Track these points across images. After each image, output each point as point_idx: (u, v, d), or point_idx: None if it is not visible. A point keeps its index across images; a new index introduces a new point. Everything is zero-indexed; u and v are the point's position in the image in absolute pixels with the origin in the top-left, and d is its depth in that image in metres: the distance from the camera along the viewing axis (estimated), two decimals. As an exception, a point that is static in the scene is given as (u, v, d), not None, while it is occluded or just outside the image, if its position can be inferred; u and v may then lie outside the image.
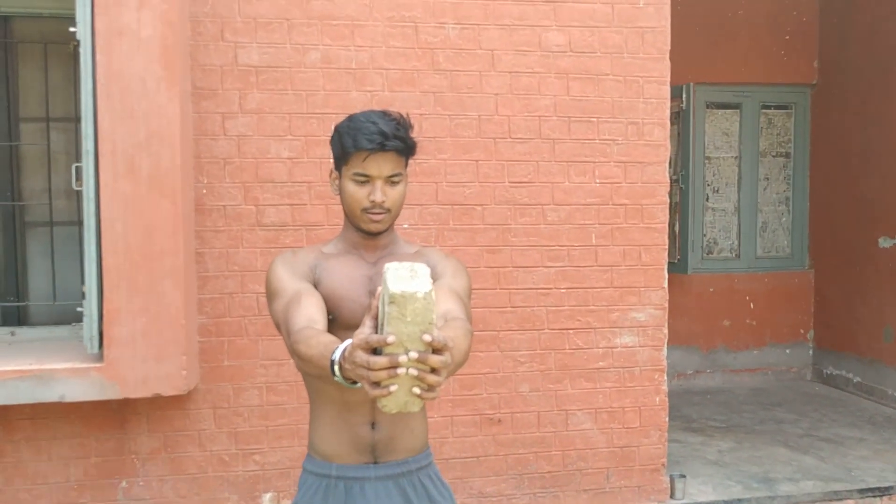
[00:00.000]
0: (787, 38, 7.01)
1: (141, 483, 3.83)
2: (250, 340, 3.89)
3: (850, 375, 6.73)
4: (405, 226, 3.97)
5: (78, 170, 3.46)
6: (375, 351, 1.49)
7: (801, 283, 7.21)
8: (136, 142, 3.41)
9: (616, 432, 4.26)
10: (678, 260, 6.49)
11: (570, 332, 4.19)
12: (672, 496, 4.34)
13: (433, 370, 1.49)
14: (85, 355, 3.53)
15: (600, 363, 4.23)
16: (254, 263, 3.89)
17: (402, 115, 2.06)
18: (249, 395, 3.91)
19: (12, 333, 3.97)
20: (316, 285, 2.05)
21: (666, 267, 4.28)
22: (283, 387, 3.93)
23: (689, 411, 6.11)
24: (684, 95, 6.38)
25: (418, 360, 1.46)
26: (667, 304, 4.29)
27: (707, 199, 7.08)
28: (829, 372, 7.01)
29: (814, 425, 5.78)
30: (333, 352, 1.64)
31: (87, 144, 3.38)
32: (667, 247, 4.28)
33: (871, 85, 6.46)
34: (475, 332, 4.05)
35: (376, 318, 1.54)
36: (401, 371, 1.46)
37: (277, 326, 2.03)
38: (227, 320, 3.88)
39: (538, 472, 4.19)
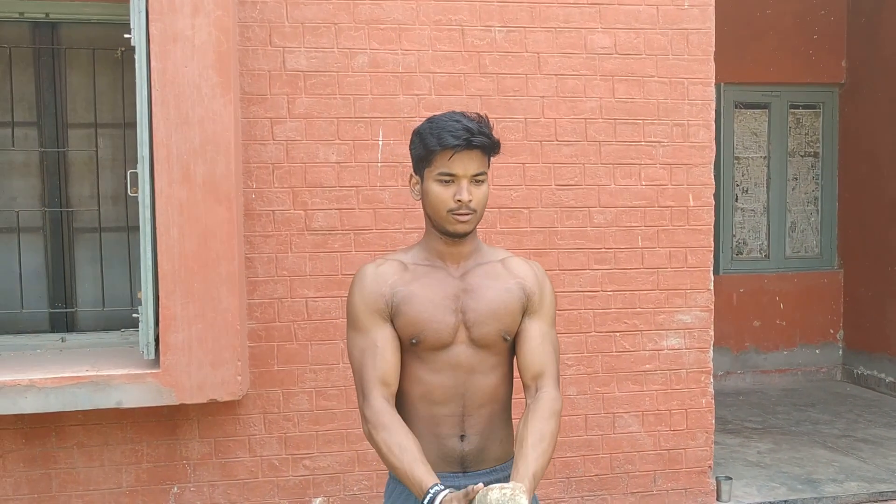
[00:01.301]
0: (815, 37, 6.99)
1: (192, 488, 3.83)
2: (299, 345, 3.89)
3: (882, 375, 6.71)
4: (453, 229, 3.96)
5: (133, 176, 3.46)
6: None
7: (830, 283, 7.19)
8: (191, 148, 3.41)
9: (663, 435, 4.25)
10: (709, 261, 6.46)
11: (617, 334, 4.19)
12: (718, 499, 4.33)
13: None
14: (140, 361, 3.53)
15: (647, 366, 4.22)
16: (302, 268, 3.88)
17: (481, 115, 2.04)
18: (299, 399, 3.91)
19: (63, 339, 3.98)
20: (394, 314, 2.03)
21: (712, 269, 4.27)
22: (333, 391, 3.93)
23: (724, 413, 6.09)
24: (715, 95, 6.36)
25: None
26: (712, 306, 4.28)
27: (736, 200, 7.07)
28: (859, 372, 6.99)
29: (850, 426, 5.76)
30: (426, 495, 1.79)
31: (143, 150, 3.38)
32: (712, 248, 4.27)
33: (901, 84, 6.44)
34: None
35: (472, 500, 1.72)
36: None
37: (352, 361, 2.07)
38: (276, 325, 3.88)
39: (586, 475, 4.18)
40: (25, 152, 4.06)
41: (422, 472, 1.82)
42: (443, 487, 1.79)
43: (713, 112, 4.24)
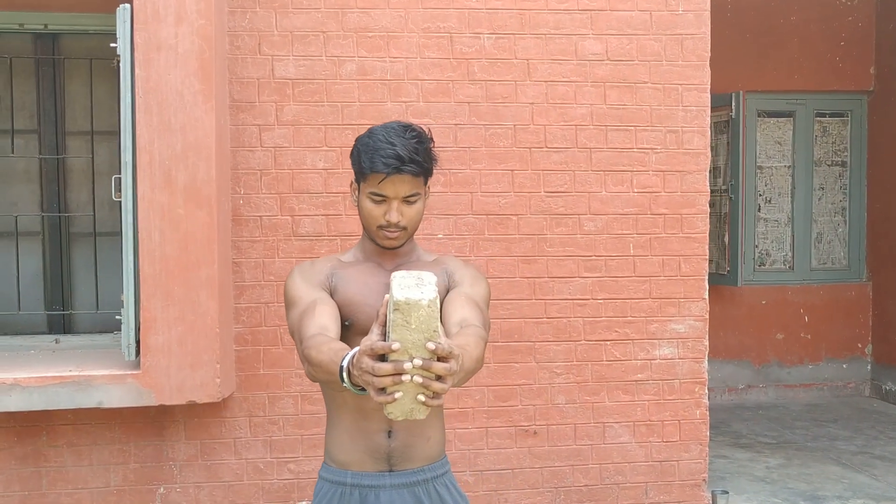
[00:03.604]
0: (842, 44, 6.82)
1: (178, 489, 3.89)
2: (286, 349, 3.93)
3: (911, 392, 6.50)
4: (440, 236, 3.98)
5: (117, 181, 3.55)
6: (382, 358, 1.51)
7: (858, 296, 6.99)
8: (172, 154, 3.49)
9: (655, 446, 4.17)
10: (728, 272, 6.35)
11: (608, 343, 4.13)
12: (714, 513, 4.24)
13: (438, 377, 1.51)
14: (123, 363, 3.61)
15: (639, 375, 4.16)
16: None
17: (422, 132, 2.04)
18: (284, 403, 3.94)
19: (56, 341, 4.09)
20: (332, 293, 2.07)
21: (707, 277, 4.20)
22: (318, 396, 3.95)
23: (739, 427, 5.96)
24: (733, 104, 6.26)
25: (422, 368, 1.48)
26: (707, 316, 4.20)
27: (759, 210, 6.92)
28: (888, 388, 6.77)
29: (869, 443, 5.58)
30: (343, 358, 1.66)
31: (126, 156, 3.47)
32: (707, 257, 4.20)
33: (930, 91, 6.25)
34: (511, 343, 4.04)
35: (384, 325, 1.56)
36: (405, 378, 1.48)
37: (292, 334, 2.06)
38: (262, 329, 3.93)
39: (574, 485, 4.13)
40: (25, 159, 4.20)
41: (341, 349, 1.71)
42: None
43: (708, 118, 4.17)
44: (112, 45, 3.47)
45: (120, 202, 3.58)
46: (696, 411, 4.19)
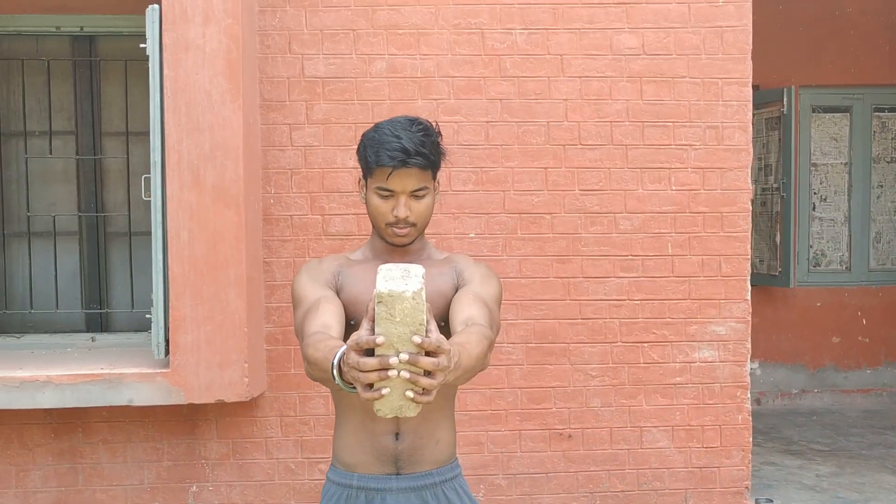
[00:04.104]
0: (902, 35, 6.56)
1: (210, 488, 3.90)
2: (317, 349, 3.91)
3: (975, 398, 6.20)
4: (471, 235, 3.92)
5: (146, 181, 3.57)
6: (371, 353, 1.46)
7: (920, 298, 6.71)
8: (201, 153, 3.49)
9: (695, 452, 4.04)
10: (779, 273, 6.15)
11: (645, 345, 4.02)
12: (757, 521, 4.09)
13: (427, 373, 1.45)
14: (153, 361, 3.63)
15: (677, 378, 4.03)
16: (320, 273, 3.90)
17: (429, 125, 1.99)
18: (315, 403, 3.92)
19: (93, 339, 4.14)
20: (339, 291, 2.04)
21: (748, 278, 4.05)
22: (349, 396, 3.92)
23: (791, 433, 5.77)
24: (785, 99, 6.06)
25: (409, 362, 1.43)
26: (750, 318, 4.05)
27: (813, 209, 6.69)
28: (952, 394, 6.48)
29: (928, 451, 5.35)
30: (336, 355, 1.62)
31: (155, 156, 3.49)
32: (749, 256, 4.05)
33: None
34: (545, 345, 3.97)
35: (373, 320, 1.50)
36: (391, 373, 1.43)
37: (297, 334, 2.02)
38: (293, 329, 3.90)
39: (611, 490, 4.02)
40: (63, 160, 4.29)
41: (336, 345, 1.67)
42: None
43: (750, 113, 4.03)
44: (141, 45, 3.49)
45: (150, 202, 3.60)
46: (738, 416, 4.05)
